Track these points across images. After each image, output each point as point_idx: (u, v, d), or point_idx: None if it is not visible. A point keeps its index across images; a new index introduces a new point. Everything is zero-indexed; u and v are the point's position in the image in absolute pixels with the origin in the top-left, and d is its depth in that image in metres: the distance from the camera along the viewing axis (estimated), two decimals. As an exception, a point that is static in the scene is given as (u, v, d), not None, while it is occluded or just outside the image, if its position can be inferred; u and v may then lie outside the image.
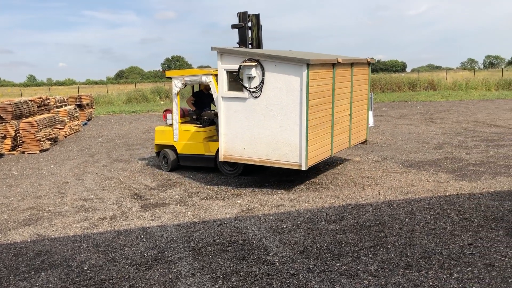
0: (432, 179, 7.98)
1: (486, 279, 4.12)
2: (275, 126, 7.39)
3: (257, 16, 8.92)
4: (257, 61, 7.33)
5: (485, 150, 10.45)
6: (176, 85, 9.05)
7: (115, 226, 6.17)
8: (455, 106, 22.19)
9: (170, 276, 4.50)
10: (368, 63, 9.43)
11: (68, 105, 19.08)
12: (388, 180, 8.05)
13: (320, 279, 4.26)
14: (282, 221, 6.03)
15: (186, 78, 8.97)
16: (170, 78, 9.33)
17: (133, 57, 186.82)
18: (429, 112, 19.70)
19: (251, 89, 7.47)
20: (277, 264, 4.66)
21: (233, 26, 8.70)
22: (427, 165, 9.14)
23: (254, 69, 7.34)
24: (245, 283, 4.26)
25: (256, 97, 7.45)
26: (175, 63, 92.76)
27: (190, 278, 4.43)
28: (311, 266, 4.56)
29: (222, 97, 7.75)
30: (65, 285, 4.46)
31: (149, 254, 5.11)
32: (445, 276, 4.21)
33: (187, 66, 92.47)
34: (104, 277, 4.58)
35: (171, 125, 9.43)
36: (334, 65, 7.81)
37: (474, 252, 4.73)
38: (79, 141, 15.14)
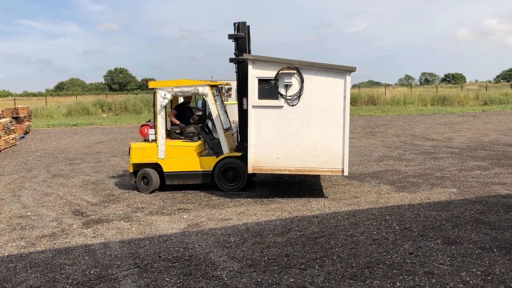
0: (374, 191, 8.24)
1: (426, 286, 4.28)
2: (314, 133, 7.44)
3: (248, 27, 8.80)
4: (296, 68, 7.35)
5: (423, 163, 10.93)
6: (164, 96, 8.36)
7: (54, 244, 5.89)
8: (394, 121, 23.14)
9: (114, 295, 4.34)
10: None
11: (3, 117, 18.16)
12: (333, 192, 8.22)
13: (268, 293, 4.26)
14: (230, 235, 6.00)
15: (176, 89, 8.37)
16: (152, 89, 8.60)
17: (74, 69, 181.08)
18: (370, 126, 20.42)
19: (288, 97, 7.42)
20: (225, 278, 4.62)
21: (231, 36, 8.51)
22: (369, 177, 9.43)
23: (293, 77, 7.37)
24: (193, 299, 4.19)
25: (293, 105, 7.43)
26: (118, 75, 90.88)
27: (135, 296, 4.29)
28: (259, 280, 4.55)
29: (252, 106, 7.53)
30: (-1, 308, 4.19)
31: (91, 272, 4.91)
32: (388, 285, 4.33)
33: (131, 78, 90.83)
34: (43, 298, 4.35)
35: (153, 141, 8.62)
36: None
37: (415, 261, 4.91)
38: (16, 155, 14.41)
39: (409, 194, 7.94)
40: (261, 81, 7.51)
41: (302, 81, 7.40)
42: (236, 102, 8.90)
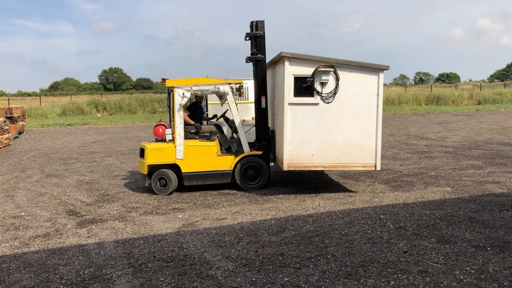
0: (369, 190, 8.26)
1: (420, 285, 4.30)
2: (348, 130, 7.62)
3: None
4: (332, 66, 7.47)
5: (417, 162, 10.97)
6: (183, 95, 8.21)
7: (48, 244, 5.87)
8: (389, 120, 23.20)
9: (108, 295, 4.33)
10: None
11: (-3, 117, 18.05)
12: (327, 192, 8.23)
13: (263, 292, 4.26)
14: (225, 234, 6.00)
15: (195, 88, 8.27)
16: (170, 88, 8.47)
17: (69, 69, 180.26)
18: (365, 125, 20.44)
19: (324, 95, 7.52)
20: (220, 278, 4.61)
21: (249, 35, 8.49)
22: (363, 176, 9.45)
23: (329, 75, 7.49)
24: (187, 299, 4.18)
25: (328, 102, 7.56)
26: (113, 75, 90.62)
27: (130, 296, 4.28)
28: (254, 279, 4.55)
29: (288, 103, 7.59)
30: (-8, 309, 4.17)
31: (85, 272, 4.89)
32: (383, 284, 4.34)
33: (126, 78, 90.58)
34: (37, 299, 4.33)
35: (170, 141, 8.44)
36: None
37: (409, 260, 4.92)
38: (9, 155, 14.34)
39: (403, 193, 7.96)
40: (297, 79, 7.60)
41: (337, 79, 7.57)
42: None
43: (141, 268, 4.95)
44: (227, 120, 9.18)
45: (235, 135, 9.17)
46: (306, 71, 7.56)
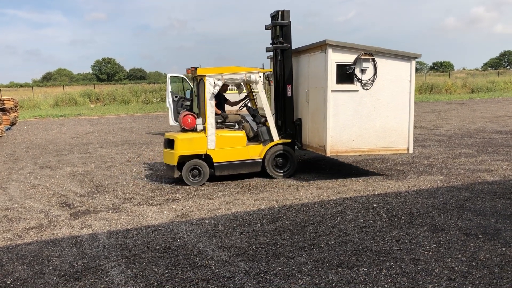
0: (362, 179, 8.29)
1: (412, 273, 4.33)
2: (384, 115, 8.01)
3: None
4: (372, 54, 7.79)
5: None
6: (214, 84, 8.13)
7: (41, 236, 5.86)
8: (383, 109, 23.17)
9: (102, 286, 4.33)
10: None
11: (-11, 109, 17.92)
12: (321, 181, 8.26)
13: (256, 281, 4.28)
14: (218, 224, 6.01)
15: (226, 77, 8.20)
16: (200, 77, 8.31)
17: (62, 59, 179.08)
18: (359, 114, 20.44)
19: (363, 82, 7.83)
20: (213, 268, 4.63)
21: (275, 24, 8.53)
22: (357, 165, 9.48)
23: (369, 62, 7.83)
24: (181, 289, 4.19)
25: (367, 89, 7.88)
26: (106, 65, 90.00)
27: (123, 287, 4.29)
28: (247, 269, 4.57)
29: (331, 90, 7.79)
30: (-15, 301, 4.16)
31: (79, 264, 4.89)
32: (375, 272, 4.37)
33: (119, 68, 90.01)
34: (30, 290, 4.33)
35: (201, 131, 8.31)
36: None
37: (401, 248, 4.96)
38: (2, 147, 14.25)
39: (396, 182, 8.00)
40: (339, 66, 7.82)
41: (375, 66, 7.89)
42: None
43: (134, 259, 4.95)
44: (248, 109, 9.16)
45: (250, 124, 9.13)
46: (348, 58, 7.84)
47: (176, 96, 15.23)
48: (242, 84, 8.88)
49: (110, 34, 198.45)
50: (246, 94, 9.37)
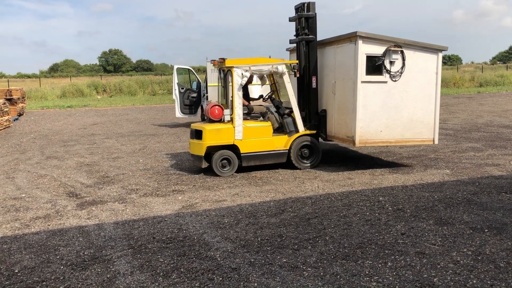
0: (368, 172, 8.27)
1: (417, 266, 4.33)
2: (411, 106, 8.14)
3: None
4: (400, 46, 7.92)
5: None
6: (242, 75, 8.18)
7: (49, 225, 5.91)
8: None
9: (108, 276, 4.37)
10: None
11: (-3, 99, 18.00)
12: (327, 174, 8.25)
13: (261, 272, 4.30)
14: (224, 216, 6.03)
15: (254, 68, 8.29)
16: (228, 67, 8.33)
17: (68, 50, 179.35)
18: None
19: (392, 73, 7.96)
20: (218, 259, 4.65)
21: (301, 16, 8.63)
22: (363, 159, 9.46)
23: (397, 54, 7.96)
24: (186, 280, 4.22)
25: (396, 80, 8.00)
26: (113, 56, 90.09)
27: (129, 277, 4.32)
28: (252, 260, 4.59)
29: (361, 81, 7.88)
30: (-7, 289, 4.21)
31: (85, 253, 4.93)
32: (380, 265, 4.38)
33: (126, 60, 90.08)
34: (37, 279, 4.37)
35: (228, 121, 8.35)
36: None
37: (406, 241, 4.96)
38: (9, 137, 14.35)
39: (402, 175, 7.98)
40: (368, 58, 7.92)
41: (404, 58, 8.00)
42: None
43: (140, 249, 4.99)
44: (273, 100, 9.18)
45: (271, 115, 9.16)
46: (377, 50, 7.94)
47: (182, 88, 15.25)
48: (265, 76, 8.92)
49: (117, 26, 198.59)
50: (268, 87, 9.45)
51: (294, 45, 9.44)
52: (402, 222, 5.58)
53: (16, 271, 4.56)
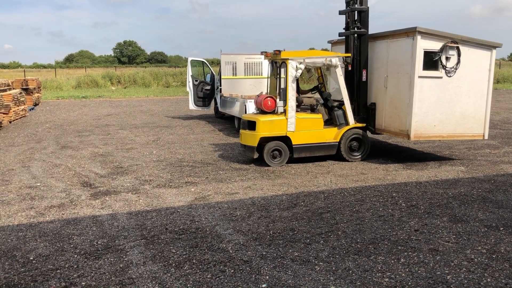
0: (382, 168, 8.21)
1: (430, 263, 4.30)
2: (464, 102, 8.25)
3: None
4: (456, 42, 8.02)
5: (432, 140, 10.83)
6: (297, 67, 8.24)
7: (63, 214, 5.97)
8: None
9: (121, 265, 4.41)
10: None
11: (13, 89, 18.21)
12: (340, 169, 8.21)
13: (273, 266, 4.30)
14: (236, 208, 6.04)
15: (308, 60, 8.36)
16: (283, 60, 8.36)
17: (84, 41, 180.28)
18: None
19: (447, 69, 8.06)
20: (230, 251, 4.66)
21: (353, 9, 8.70)
22: (377, 154, 9.39)
23: (454, 50, 8.05)
24: (198, 271, 4.24)
25: (450, 76, 8.11)
26: (128, 48, 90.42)
27: (142, 267, 4.36)
28: (264, 253, 4.59)
29: (418, 76, 7.97)
30: (9, 276, 4.28)
31: (99, 243, 4.98)
32: (392, 261, 4.35)
33: (140, 51, 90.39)
34: (51, 266, 4.43)
35: (282, 113, 8.39)
36: None
37: (420, 238, 4.92)
38: (25, 126, 14.52)
39: (416, 171, 7.91)
40: (426, 53, 7.99)
41: (459, 54, 8.08)
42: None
43: (153, 239, 5.02)
44: (322, 93, 9.23)
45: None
46: (435, 46, 8.01)
47: (196, 80, 15.27)
48: (312, 69, 8.96)
49: (132, 17, 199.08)
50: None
51: (337, 37, 9.53)
52: (415, 218, 5.54)
53: (31, 258, 4.63)
